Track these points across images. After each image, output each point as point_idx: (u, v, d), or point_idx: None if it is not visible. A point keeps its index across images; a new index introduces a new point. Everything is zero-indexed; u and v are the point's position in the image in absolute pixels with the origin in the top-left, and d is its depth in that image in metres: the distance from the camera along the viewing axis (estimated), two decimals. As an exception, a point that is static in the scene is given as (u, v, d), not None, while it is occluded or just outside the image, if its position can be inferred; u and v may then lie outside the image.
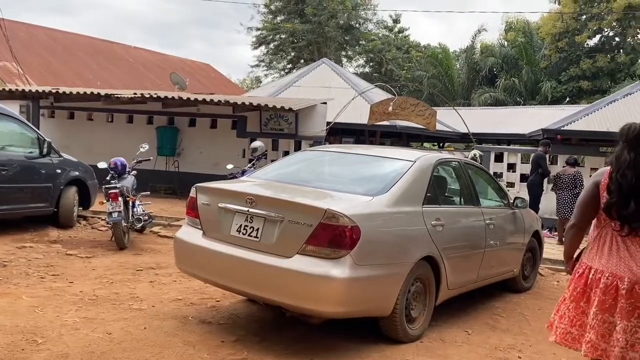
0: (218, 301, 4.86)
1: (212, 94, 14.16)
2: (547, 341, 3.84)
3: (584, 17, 29.22)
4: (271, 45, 35.48)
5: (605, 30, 29.96)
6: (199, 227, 4.21)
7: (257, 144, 9.25)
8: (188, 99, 11.69)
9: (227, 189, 4.36)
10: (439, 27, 62.93)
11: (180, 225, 4.77)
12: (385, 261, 3.87)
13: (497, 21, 63.00)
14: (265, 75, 37.79)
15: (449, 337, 4.31)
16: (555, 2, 31.25)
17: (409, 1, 47.48)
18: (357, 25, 34.70)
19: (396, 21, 37.63)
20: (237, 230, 3.93)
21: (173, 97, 12.00)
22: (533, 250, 6.27)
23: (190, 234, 4.27)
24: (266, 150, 9.63)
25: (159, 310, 4.49)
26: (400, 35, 37.84)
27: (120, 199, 7.02)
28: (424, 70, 31.89)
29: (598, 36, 30.25)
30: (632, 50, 28.76)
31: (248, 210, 3.89)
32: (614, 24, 29.14)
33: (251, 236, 3.86)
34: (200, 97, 11.76)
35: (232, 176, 7.76)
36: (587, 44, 30.01)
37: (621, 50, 29.45)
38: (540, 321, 4.95)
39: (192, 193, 4.33)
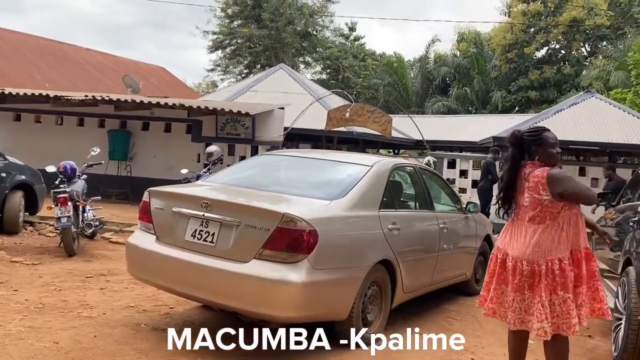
0: (172, 308, 4.75)
1: (166, 97, 13.90)
2: (499, 343, 3.97)
3: (533, 29, 30.38)
4: (227, 50, 35.15)
5: (552, 42, 31.28)
6: (152, 232, 4.11)
7: (212, 148, 9.12)
8: (141, 101, 11.44)
9: (181, 193, 4.29)
10: (394, 36, 64.08)
11: (133, 231, 4.65)
12: (343, 265, 3.89)
13: (450, 32, 64.69)
14: (222, 79, 37.42)
15: (403, 340, 4.35)
16: (505, 15, 32.38)
17: (365, 10, 48.26)
18: (314, 32, 34.85)
19: (352, 29, 38.03)
20: (191, 235, 3.87)
21: (126, 100, 11.71)
22: (485, 254, 6.39)
23: (143, 239, 4.17)
24: (222, 155, 9.51)
25: (110, 318, 4.35)
26: (356, 43, 38.25)
27: (69, 203, 6.79)
28: (380, 78, 32.37)
29: (545, 48, 31.58)
30: (576, 62, 30.12)
31: (203, 215, 3.83)
32: (560, 37, 30.44)
33: (206, 241, 3.80)
34: (154, 100, 11.52)
35: (186, 181, 7.62)
36: (535, 56, 31.23)
37: (567, 62, 30.78)
38: (492, 323, 5.04)
39: (145, 197, 4.23)
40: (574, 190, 3.17)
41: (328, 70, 36.42)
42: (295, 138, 15.80)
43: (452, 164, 13.48)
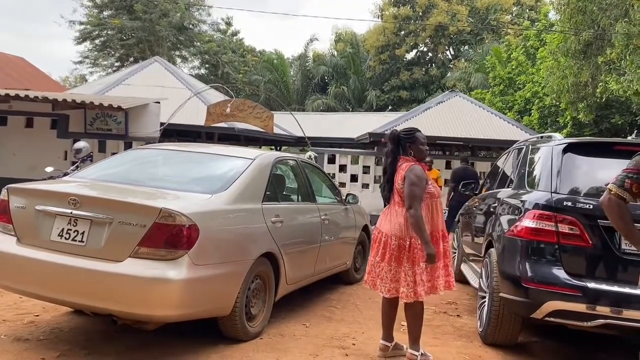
0: (37, 315, 4.35)
1: (27, 89, 12.70)
2: (379, 327, 4.14)
3: (403, 32, 32.18)
4: (97, 41, 32.97)
5: (420, 46, 33.38)
6: (12, 233, 3.72)
7: (81, 144, 8.49)
8: (-3, 93, 10.34)
9: (45, 189, 3.93)
10: (273, 33, 64.32)
11: (-12, 235, 4.18)
12: (225, 260, 3.80)
13: (328, 32, 66.34)
14: (91, 73, 35.04)
15: (288, 332, 4.39)
16: (378, 18, 33.93)
17: (242, 3, 47.55)
18: (190, 25, 33.86)
19: (229, 23, 37.54)
20: (58, 235, 3.56)
21: (-23, 92, 10.52)
22: (363, 244, 6.66)
23: (1, 241, 3.76)
24: (92, 152, 8.87)
25: (-38, 332, 3.88)
26: (234, 38, 37.83)
27: None
28: (260, 74, 32.36)
29: (414, 51, 33.60)
30: (442, 64, 32.44)
31: (71, 213, 3.55)
32: (427, 40, 32.58)
33: (75, 240, 3.53)
34: (12, 92, 10.47)
35: (51, 179, 7.01)
36: (406, 58, 33.12)
37: (433, 65, 33.04)
38: (372, 309, 5.28)
39: (3, 195, 3.82)
40: (407, 194, 3.69)
41: (207, 65, 35.62)
42: (173, 134, 15.23)
43: (332, 160, 13.87)
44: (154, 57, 19.91)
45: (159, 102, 11.89)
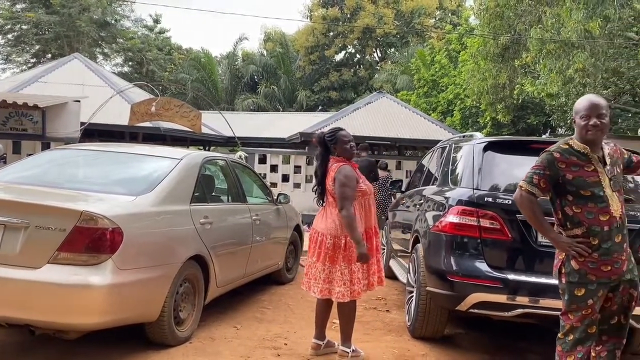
0: (-57, 330, 4.02)
1: None
2: (310, 326, 4.15)
3: (332, 34, 32.54)
4: (9, 36, 30.96)
5: (349, 47, 33.87)
6: None
7: (-7, 145, 7.97)
8: None
9: (-48, 193, 3.64)
10: (201, 31, 63.12)
11: None
12: (152, 263, 3.68)
13: (257, 31, 65.97)
14: (3, 70, 32.86)
15: (218, 334, 4.31)
16: (307, 18, 34.11)
17: (167, 1, 46.31)
18: (113, 21, 32.53)
19: (157, 21, 36.45)
20: (-33, 242, 3.31)
21: None
22: (295, 243, 6.67)
23: None
24: (5, 154, 8.36)
25: None
26: (161, 36, 36.76)
27: None
28: (187, 73, 31.63)
29: (343, 52, 34.05)
30: (370, 66, 33.10)
31: (-18, 217, 3.31)
32: (356, 42, 33.11)
33: (-13, 247, 3.29)
34: None
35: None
36: (335, 59, 33.49)
37: (362, 66, 33.62)
38: (303, 309, 5.29)
39: None
40: (339, 196, 3.74)
41: (130, 63, 34.34)
42: (95, 134, 14.57)
43: (263, 160, 13.80)
44: (74, 54, 18.97)
45: (79, 101, 11.33)
